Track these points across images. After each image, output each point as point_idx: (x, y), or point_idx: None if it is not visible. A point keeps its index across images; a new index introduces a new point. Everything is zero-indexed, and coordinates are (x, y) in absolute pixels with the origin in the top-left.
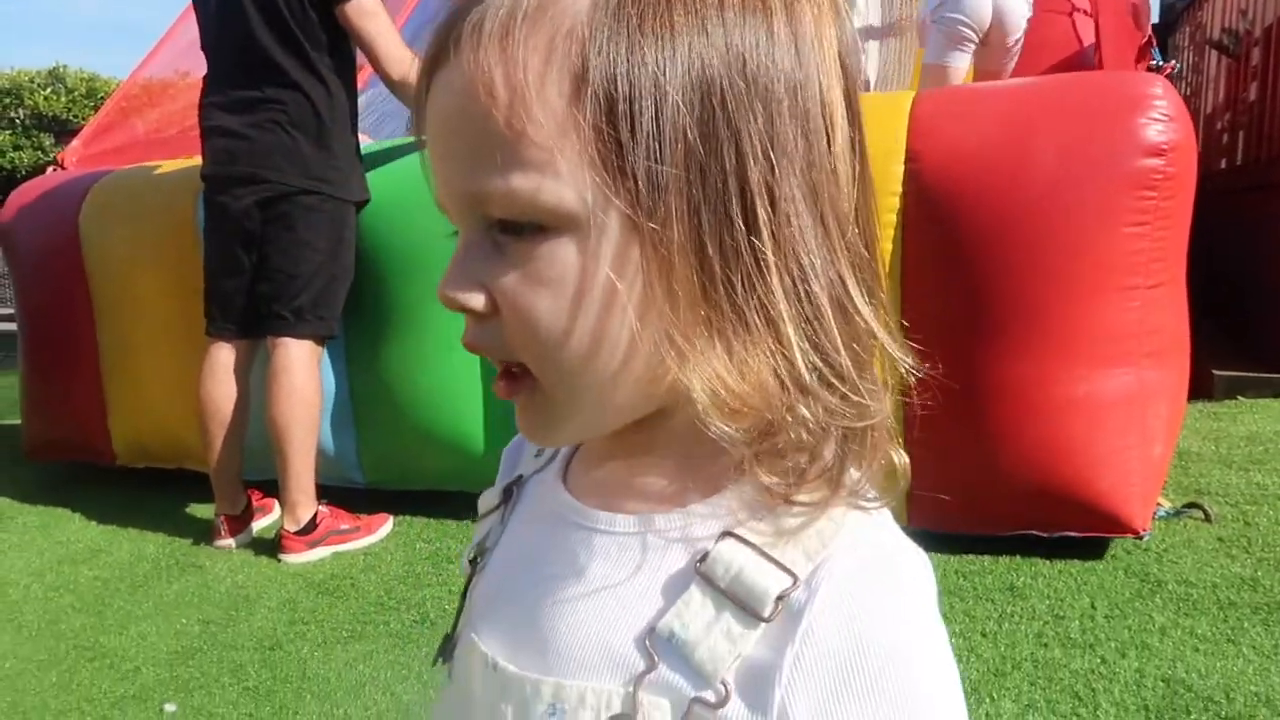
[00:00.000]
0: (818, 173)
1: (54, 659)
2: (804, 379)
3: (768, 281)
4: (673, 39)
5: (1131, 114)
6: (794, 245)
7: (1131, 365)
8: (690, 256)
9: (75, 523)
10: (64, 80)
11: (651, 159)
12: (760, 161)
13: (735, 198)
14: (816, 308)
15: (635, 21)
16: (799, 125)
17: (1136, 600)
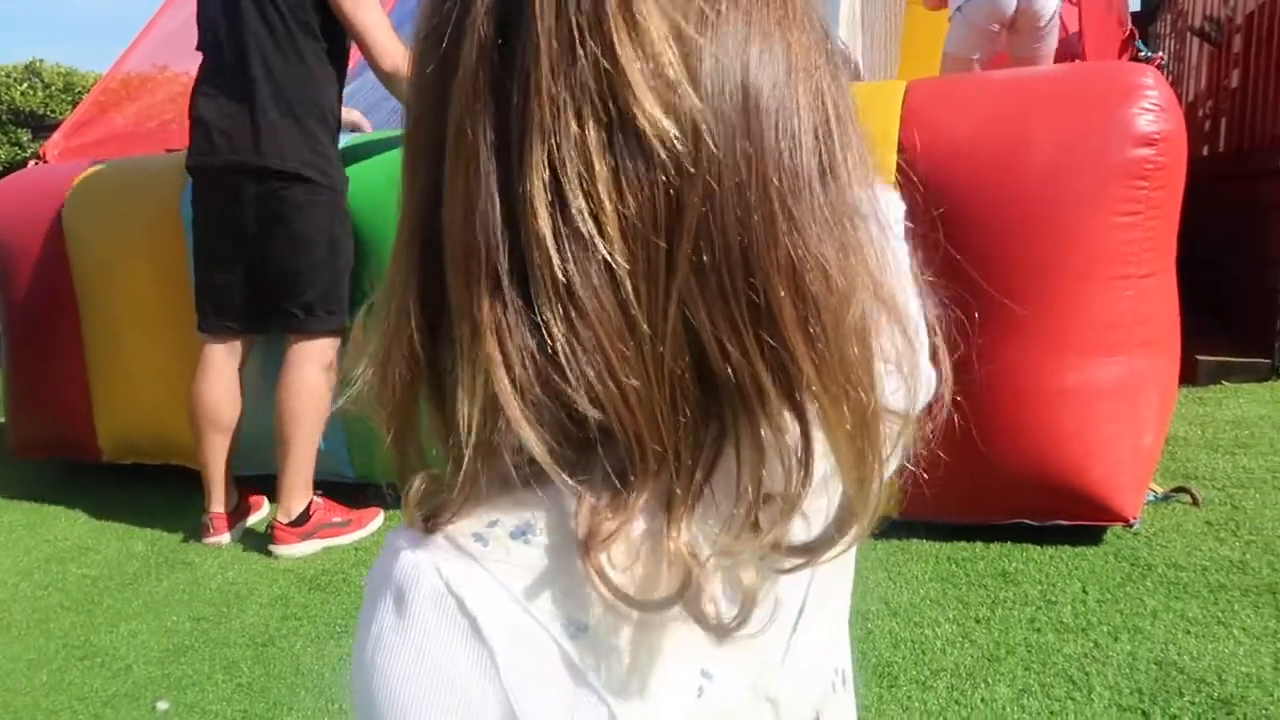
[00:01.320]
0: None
1: (44, 658)
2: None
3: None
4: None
5: (1123, 104)
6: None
7: (1123, 354)
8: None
9: (62, 520)
10: (41, 75)
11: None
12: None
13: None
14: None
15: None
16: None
17: (1127, 584)
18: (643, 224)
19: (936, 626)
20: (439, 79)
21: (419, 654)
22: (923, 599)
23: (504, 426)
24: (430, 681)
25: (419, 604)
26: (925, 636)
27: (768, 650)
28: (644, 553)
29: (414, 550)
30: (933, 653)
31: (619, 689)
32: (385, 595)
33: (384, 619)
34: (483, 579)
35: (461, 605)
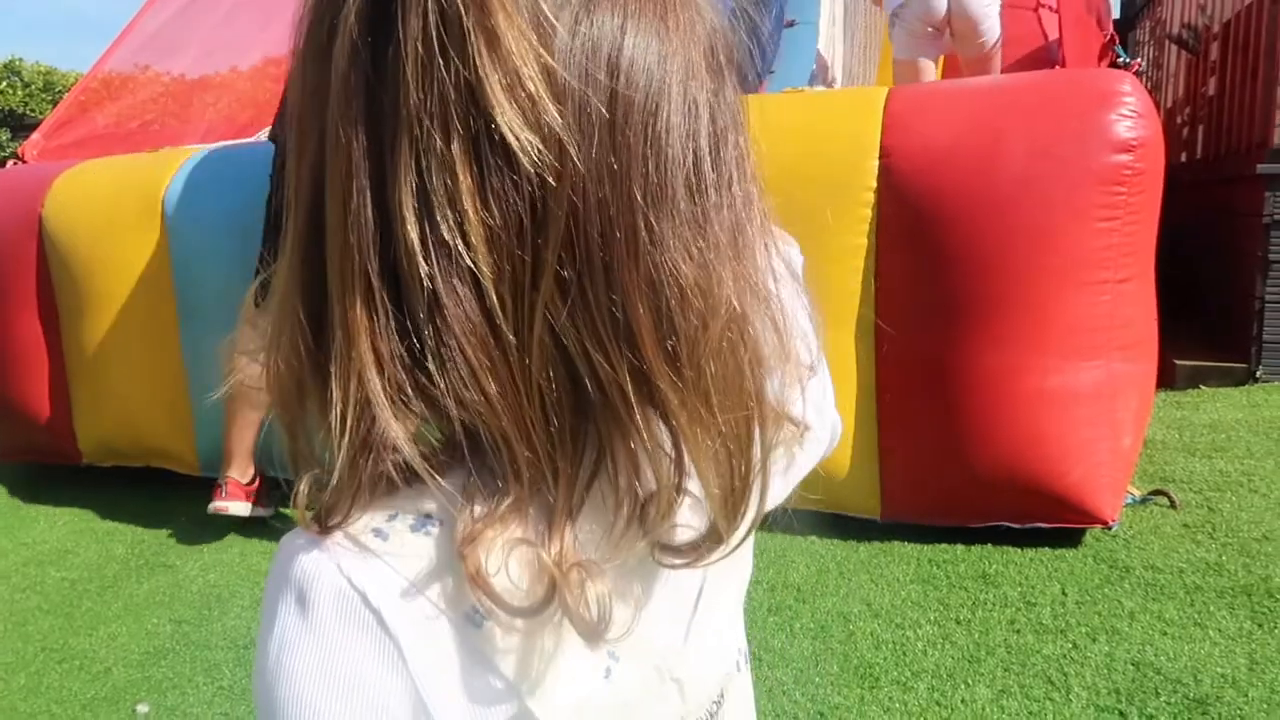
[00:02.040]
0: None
1: (21, 661)
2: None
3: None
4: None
5: (1101, 110)
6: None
7: (1101, 358)
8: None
9: (41, 524)
10: (20, 74)
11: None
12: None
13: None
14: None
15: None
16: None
17: (1105, 586)
18: (507, 235)
19: (918, 628)
20: (317, 76)
21: (324, 653)
22: (904, 600)
23: (379, 427)
24: (338, 679)
25: (321, 603)
26: (906, 638)
27: (670, 633)
28: (523, 559)
29: (311, 550)
30: (914, 654)
31: (525, 674)
32: (286, 597)
33: (286, 620)
34: (384, 573)
35: (365, 600)
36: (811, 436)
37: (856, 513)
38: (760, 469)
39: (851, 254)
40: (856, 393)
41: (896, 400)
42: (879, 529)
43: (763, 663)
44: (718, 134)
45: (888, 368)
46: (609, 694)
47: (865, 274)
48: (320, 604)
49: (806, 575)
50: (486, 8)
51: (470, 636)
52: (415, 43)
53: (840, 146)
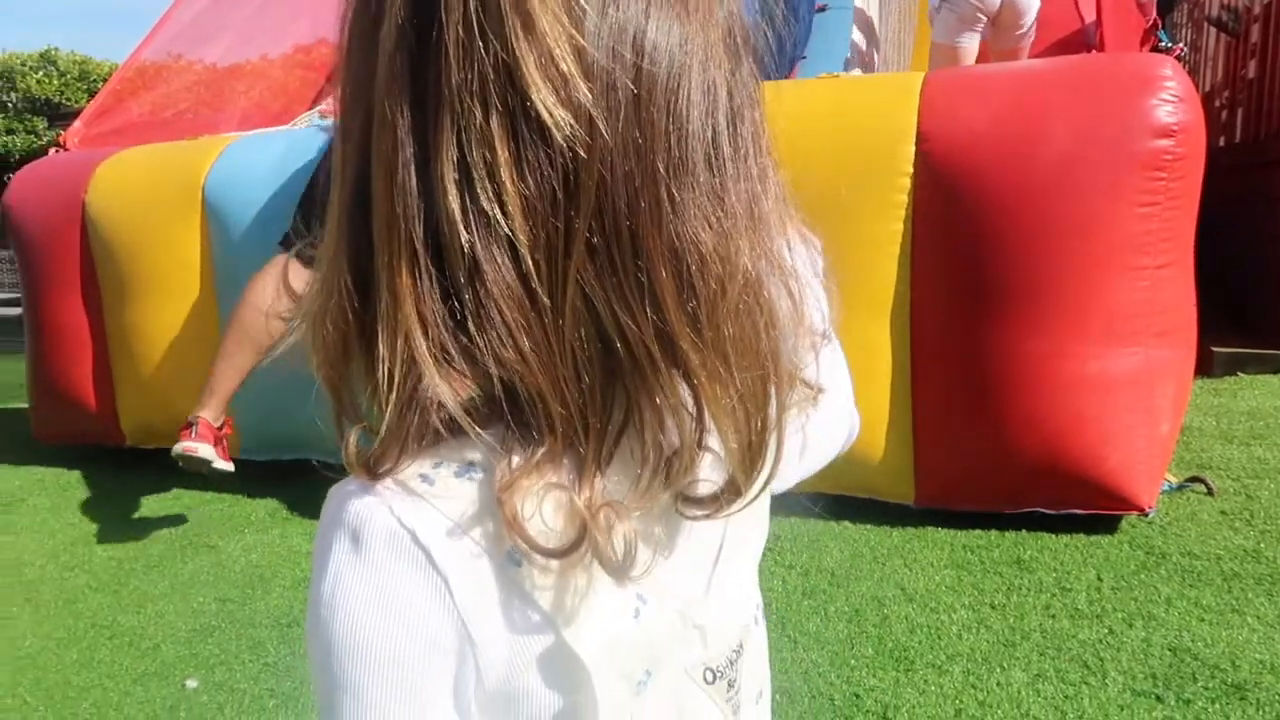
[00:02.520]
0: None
1: (73, 637)
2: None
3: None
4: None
5: (1142, 95)
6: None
7: (1140, 344)
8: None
9: (87, 504)
10: (56, 63)
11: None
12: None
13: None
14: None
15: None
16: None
17: (1142, 572)
18: (542, 205)
19: (952, 612)
20: (364, 57)
21: (378, 586)
22: (938, 585)
23: (425, 383)
24: (390, 609)
25: (374, 541)
26: (941, 622)
27: (692, 582)
28: (556, 503)
29: (363, 494)
30: (948, 638)
31: (561, 609)
32: (340, 537)
33: (340, 557)
34: (431, 514)
35: (414, 538)
36: (826, 405)
37: (890, 498)
38: (776, 426)
39: (887, 240)
40: (891, 378)
41: (931, 386)
42: (913, 514)
43: (798, 645)
44: (735, 111)
45: (923, 353)
46: (637, 633)
47: (901, 260)
48: (373, 542)
49: (840, 560)
50: (525, 3)
51: (510, 574)
52: (456, 26)
53: (876, 132)
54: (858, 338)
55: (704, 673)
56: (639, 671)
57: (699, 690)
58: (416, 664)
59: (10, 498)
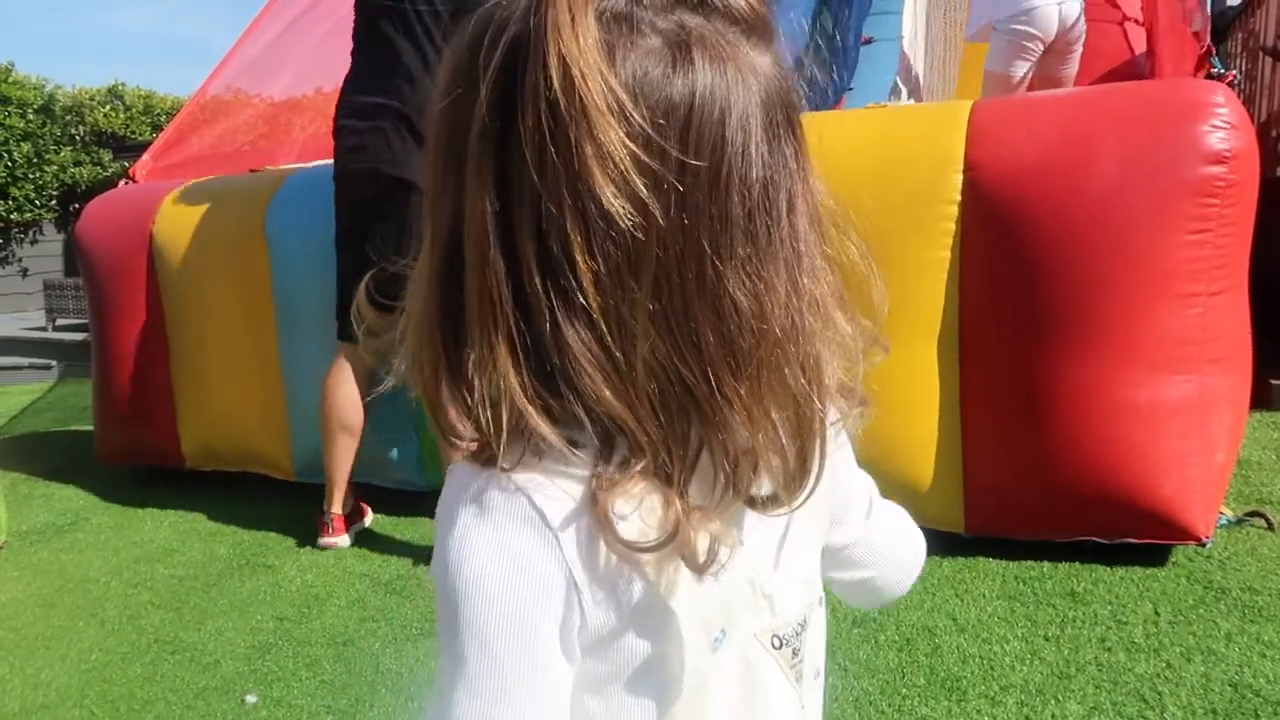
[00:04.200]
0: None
1: (136, 652)
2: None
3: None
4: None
5: (1193, 122)
6: (526, 274)
7: (1193, 372)
8: (432, 281)
9: (148, 523)
10: (122, 98)
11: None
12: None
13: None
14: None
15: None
16: (510, 148)
17: (1200, 607)
18: (610, 279)
19: (1005, 643)
20: (453, 147)
21: (500, 542)
22: (990, 615)
23: (526, 421)
24: (510, 559)
25: (495, 505)
26: (994, 653)
27: (760, 556)
28: (650, 507)
29: (485, 472)
30: (1001, 669)
31: (654, 571)
32: (465, 504)
33: (466, 520)
34: (545, 483)
35: (530, 501)
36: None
37: (940, 526)
38: (818, 453)
39: (935, 267)
40: (940, 404)
41: (980, 412)
42: (964, 543)
43: (848, 673)
44: (770, 185)
45: (972, 379)
46: (717, 591)
47: (949, 286)
48: (495, 505)
49: None
50: (588, 117)
51: (612, 529)
52: (532, 134)
53: (923, 160)
54: (906, 364)
55: (771, 638)
56: (716, 629)
57: (766, 654)
58: (530, 603)
59: (75, 516)
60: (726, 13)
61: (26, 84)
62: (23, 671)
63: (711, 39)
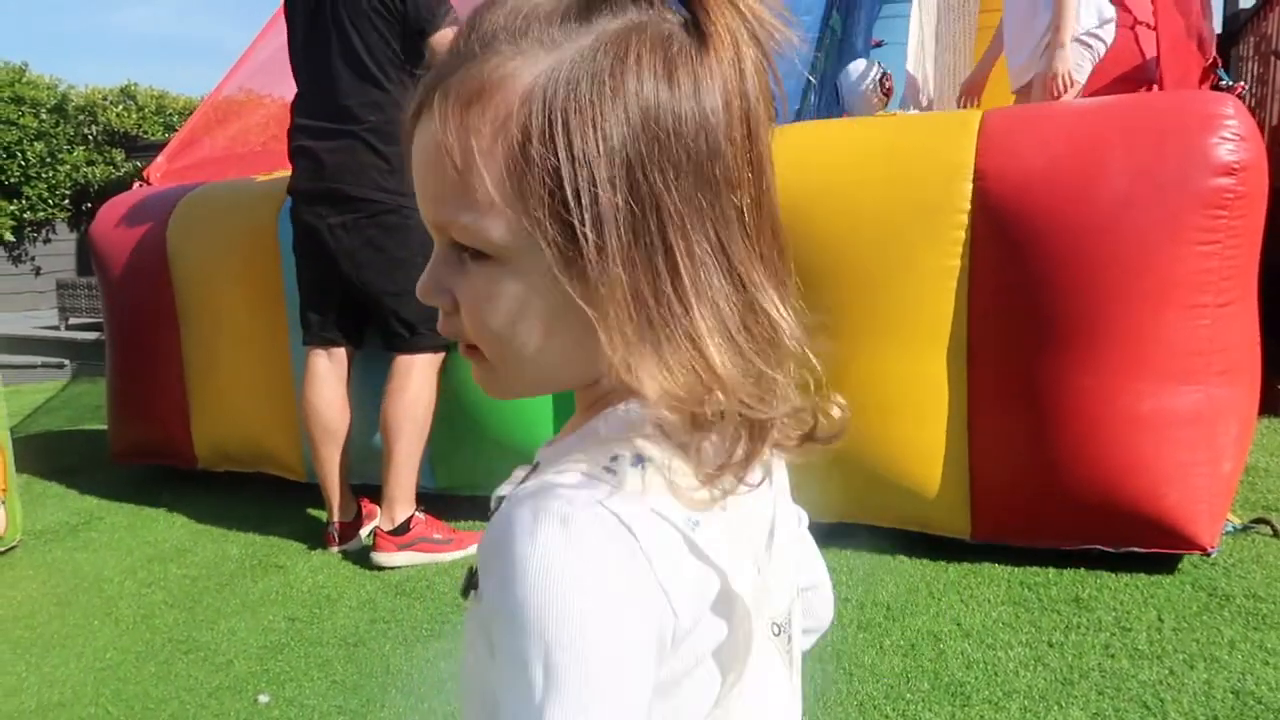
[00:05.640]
0: (721, 218)
1: (150, 651)
2: (722, 382)
3: (687, 309)
4: (602, 122)
5: (1202, 133)
6: (705, 281)
7: (1201, 382)
8: (626, 295)
9: (161, 523)
10: (135, 97)
11: (591, 221)
12: (675, 220)
13: (658, 248)
14: (725, 325)
15: (569, 106)
16: (705, 186)
17: (1204, 614)
18: (759, 264)
19: (1009, 649)
20: (658, 175)
21: (596, 563)
22: (995, 621)
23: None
24: (609, 583)
25: (583, 524)
26: (998, 658)
27: (756, 544)
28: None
29: (565, 488)
30: (1005, 674)
31: (725, 562)
32: (546, 524)
33: (550, 542)
34: (626, 499)
35: (619, 519)
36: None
37: (946, 532)
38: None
39: (944, 275)
40: (948, 412)
41: (988, 420)
42: (969, 549)
43: (853, 678)
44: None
45: (980, 388)
46: (759, 583)
47: (958, 295)
48: (582, 525)
49: (896, 594)
50: (762, 129)
51: (692, 536)
52: (730, 169)
53: (932, 169)
54: (914, 372)
55: (772, 625)
56: (766, 619)
57: (769, 640)
58: (626, 610)
59: (90, 515)
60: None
61: (40, 84)
62: (39, 669)
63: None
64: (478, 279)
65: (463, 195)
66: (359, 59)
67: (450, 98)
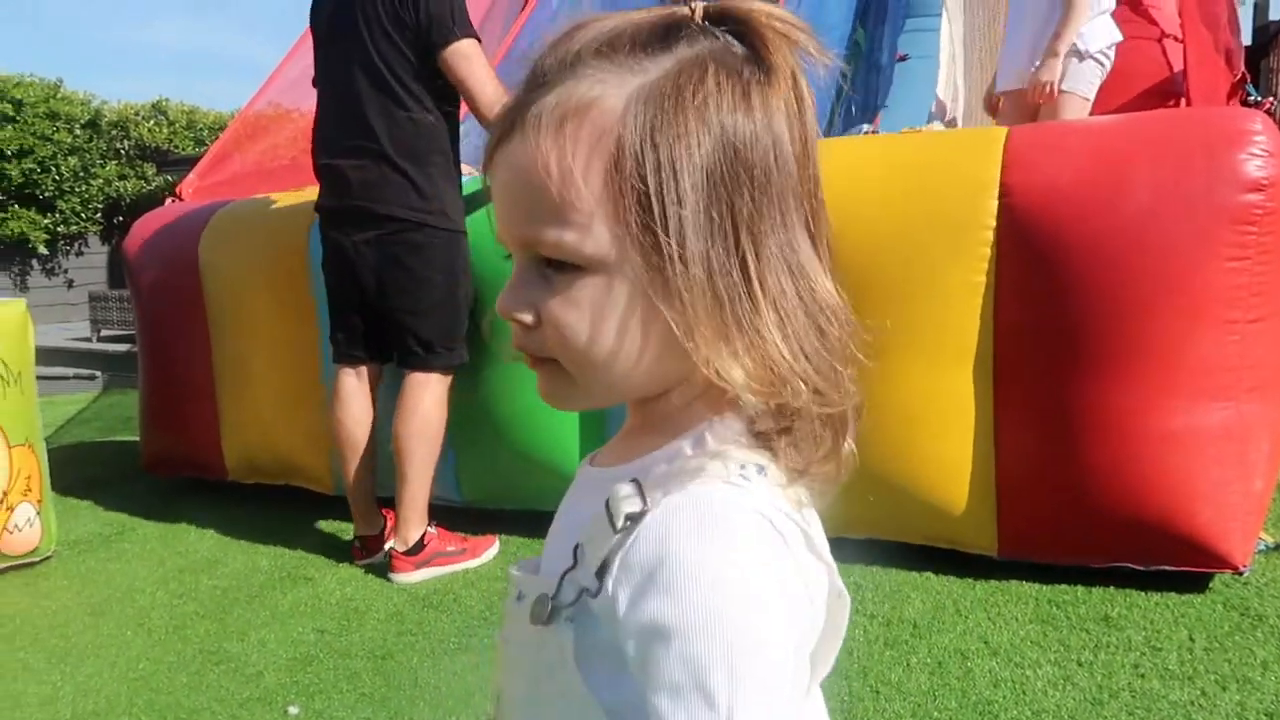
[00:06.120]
0: (787, 227)
1: (182, 661)
2: (784, 373)
3: (758, 307)
4: (687, 137)
5: (1231, 149)
6: (776, 284)
7: (1231, 399)
8: (705, 293)
9: (192, 534)
10: (166, 113)
11: (678, 228)
12: (748, 227)
13: (734, 253)
14: (792, 322)
15: (657, 123)
16: (774, 198)
17: (1236, 634)
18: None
19: (1038, 668)
20: (741, 189)
21: (763, 565)
22: (1023, 640)
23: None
24: (770, 572)
25: (744, 528)
26: (1026, 677)
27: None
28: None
29: (719, 497)
30: (1034, 693)
31: (826, 556)
32: (713, 532)
33: (719, 548)
34: (767, 501)
35: (772, 523)
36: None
37: (972, 549)
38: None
39: (970, 292)
40: (974, 428)
41: (1014, 436)
42: (997, 566)
43: (880, 695)
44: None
45: (1006, 403)
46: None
47: (984, 311)
48: (746, 528)
49: (922, 611)
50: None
51: (809, 532)
52: (795, 176)
53: (958, 185)
54: (940, 387)
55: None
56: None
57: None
58: (793, 606)
59: (122, 526)
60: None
61: (74, 100)
62: (74, 679)
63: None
64: (565, 291)
65: (557, 210)
66: (382, 77)
67: (543, 118)
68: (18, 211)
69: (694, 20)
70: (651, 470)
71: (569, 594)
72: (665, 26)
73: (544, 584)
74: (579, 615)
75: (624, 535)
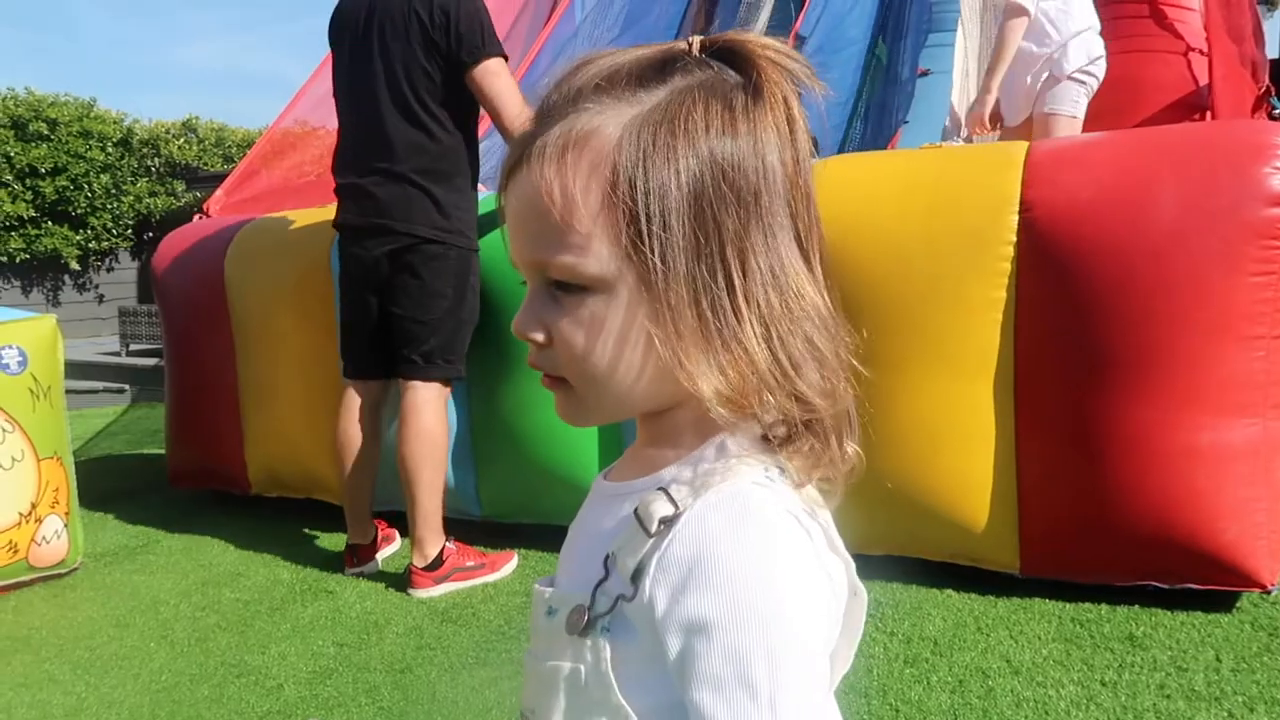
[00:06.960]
0: (773, 243)
1: (204, 673)
2: (769, 383)
3: (740, 320)
4: (675, 161)
5: (1256, 163)
6: (759, 298)
7: (1257, 415)
8: (689, 308)
9: (215, 547)
10: (196, 130)
11: (662, 246)
12: (734, 244)
13: (719, 270)
14: (778, 333)
15: (649, 149)
16: (760, 217)
17: (1265, 654)
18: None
19: (1061, 687)
20: (734, 208)
21: (794, 552)
22: (1046, 659)
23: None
24: (803, 566)
25: (777, 524)
26: (1049, 697)
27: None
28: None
29: (752, 498)
30: (1057, 713)
31: (844, 553)
32: (751, 530)
33: (760, 545)
34: (792, 501)
35: (799, 520)
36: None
37: (994, 566)
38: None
39: (990, 307)
40: (995, 443)
41: (1036, 452)
42: (1019, 584)
43: (900, 714)
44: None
45: (1028, 419)
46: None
47: (1005, 327)
48: (777, 524)
49: (943, 629)
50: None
51: (830, 532)
52: (788, 200)
53: (978, 200)
54: (961, 403)
55: None
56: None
57: None
58: (822, 598)
59: (147, 539)
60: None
61: (107, 118)
62: (98, 690)
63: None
64: (572, 310)
65: (562, 233)
66: (404, 97)
67: (548, 149)
68: (51, 228)
69: (690, 53)
70: (677, 477)
71: (603, 604)
72: (663, 60)
73: (577, 596)
74: (615, 624)
75: (659, 538)
